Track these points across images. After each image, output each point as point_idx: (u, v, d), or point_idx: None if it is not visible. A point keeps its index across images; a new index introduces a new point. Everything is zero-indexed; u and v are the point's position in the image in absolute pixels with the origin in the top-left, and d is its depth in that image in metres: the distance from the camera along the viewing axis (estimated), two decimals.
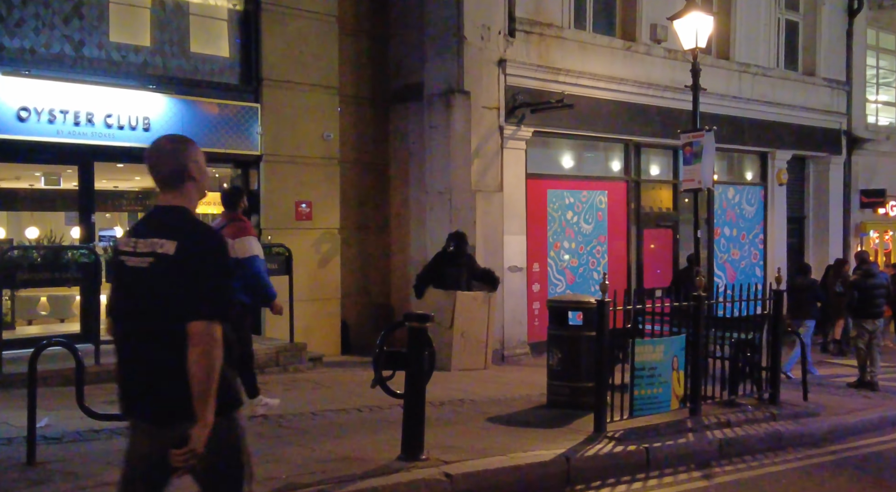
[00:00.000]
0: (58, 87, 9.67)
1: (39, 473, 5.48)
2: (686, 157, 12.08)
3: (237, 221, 7.27)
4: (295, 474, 5.54)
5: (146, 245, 3.20)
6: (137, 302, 3.18)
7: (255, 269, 7.12)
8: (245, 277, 6.96)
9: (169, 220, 3.27)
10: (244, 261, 6.96)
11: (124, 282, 3.28)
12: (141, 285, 3.17)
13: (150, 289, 3.15)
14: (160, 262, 3.13)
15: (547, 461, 6.21)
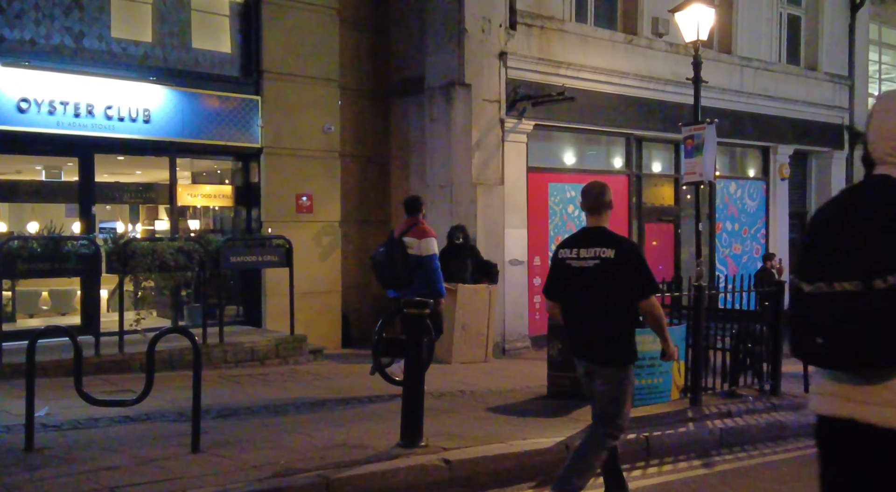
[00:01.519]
0: (58, 79, 9.68)
1: (37, 458, 5.47)
2: (687, 149, 12.06)
3: (419, 224, 8.40)
4: (293, 460, 5.52)
5: (589, 252, 4.95)
6: (587, 290, 4.94)
7: (434, 266, 8.25)
8: (424, 272, 8.13)
9: (602, 235, 5.03)
10: (425, 259, 8.18)
11: (569, 277, 5.05)
12: (586, 279, 4.94)
13: (596, 280, 4.90)
14: (604, 263, 4.88)
15: (546, 449, 6.19)
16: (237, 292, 11.85)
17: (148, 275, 9.71)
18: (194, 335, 5.94)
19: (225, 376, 9.20)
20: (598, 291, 4.89)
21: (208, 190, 12.24)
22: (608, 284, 4.86)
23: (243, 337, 10.37)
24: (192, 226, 12.93)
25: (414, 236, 8.17)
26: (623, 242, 5.04)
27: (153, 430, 6.48)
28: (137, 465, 5.34)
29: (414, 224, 8.36)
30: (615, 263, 4.83)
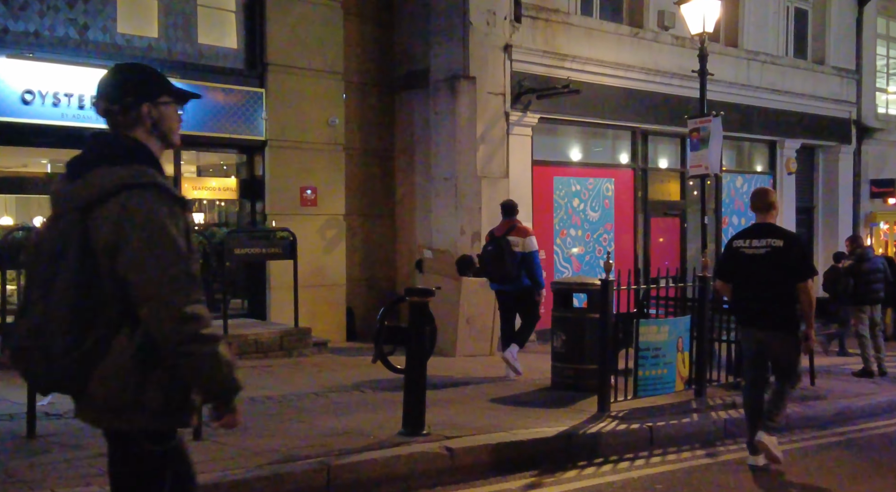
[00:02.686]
0: (62, 71, 9.67)
1: (39, 445, 5.49)
2: (693, 142, 12.01)
3: (518, 224, 9.48)
4: (295, 447, 5.52)
5: (760, 242, 6.13)
6: (758, 274, 6.09)
7: (536, 261, 9.20)
8: (528, 267, 9.07)
9: (772, 229, 6.24)
10: (527, 255, 9.10)
11: (742, 262, 6.21)
12: (757, 265, 6.09)
13: (766, 266, 6.05)
14: (774, 250, 6.04)
15: (549, 438, 6.17)
16: (242, 285, 11.85)
17: None
18: None
19: None
20: (768, 273, 6.06)
21: (213, 183, 12.25)
22: (776, 268, 6.03)
23: (247, 329, 10.38)
24: (197, 219, 12.94)
25: (517, 235, 9.17)
26: (789, 234, 6.35)
27: None
28: None
29: (514, 225, 9.37)
30: (783, 250, 6.03)
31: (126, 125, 2.58)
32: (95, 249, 2.40)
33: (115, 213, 2.39)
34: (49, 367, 2.40)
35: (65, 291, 2.37)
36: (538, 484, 5.54)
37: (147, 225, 2.38)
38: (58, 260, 2.41)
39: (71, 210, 2.44)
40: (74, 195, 2.45)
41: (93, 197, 2.41)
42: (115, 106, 2.57)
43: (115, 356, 2.40)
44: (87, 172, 2.46)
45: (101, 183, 2.42)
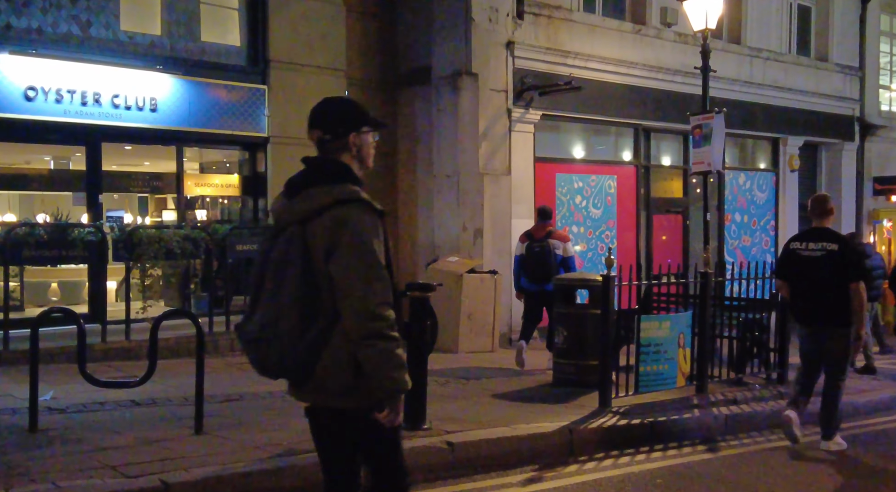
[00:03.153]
0: (65, 67, 9.71)
1: (40, 438, 5.51)
2: (695, 139, 11.99)
3: (556, 229, 10.11)
4: (296, 441, 5.52)
5: (816, 245, 6.66)
6: (813, 274, 6.61)
7: (575, 265, 9.90)
8: (568, 269, 9.56)
9: (827, 233, 6.75)
10: (568, 258, 9.71)
11: (800, 263, 6.73)
12: (813, 266, 6.62)
13: (822, 268, 6.56)
14: (829, 254, 6.57)
15: (550, 433, 6.18)
16: (244, 282, 11.83)
17: (154, 263, 9.74)
18: (198, 318, 5.96)
19: (231, 364, 9.21)
20: (823, 274, 6.57)
21: (215, 180, 12.26)
22: (831, 269, 6.54)
23: None
24: (200, 216, 12.96)
25: (557, 239, 9.78)
26: (843, 239, 6.84)
27: (158, 413, 6.50)
28: (140, 445, 5.37)
29: (551, 229, 9.96)
30: (837, 254, 6.56)
31: (335, 151, 3.08)
32: (314, 255, 2.88)
33: (329, 224, 2.87)
34: (281, 355, 2.86)
35: (292, 290, 2.84)
36: (539, 478, 5.56)
37: (355, 234, 2.86)
38: (285, 265, 2.88)
39: (292, 223, 2.93)
40: (295, 210, 2.95)
41: (311, 211, 2.90)
42: (328, 135, 3.06)
43: (334, 348, 2.86)
44: (304, 191, 2.97)
45: (318, 200, 2.92)
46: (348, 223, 2.87)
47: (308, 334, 2.85)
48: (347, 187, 2.96)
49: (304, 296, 2.84)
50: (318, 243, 2.87)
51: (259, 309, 2.93)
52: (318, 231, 2.87)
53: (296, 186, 3.02)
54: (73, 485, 4.43)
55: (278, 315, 2.85)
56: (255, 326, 2.91)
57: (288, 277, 2.86)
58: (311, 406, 3.07)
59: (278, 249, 2.92)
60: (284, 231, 2.94)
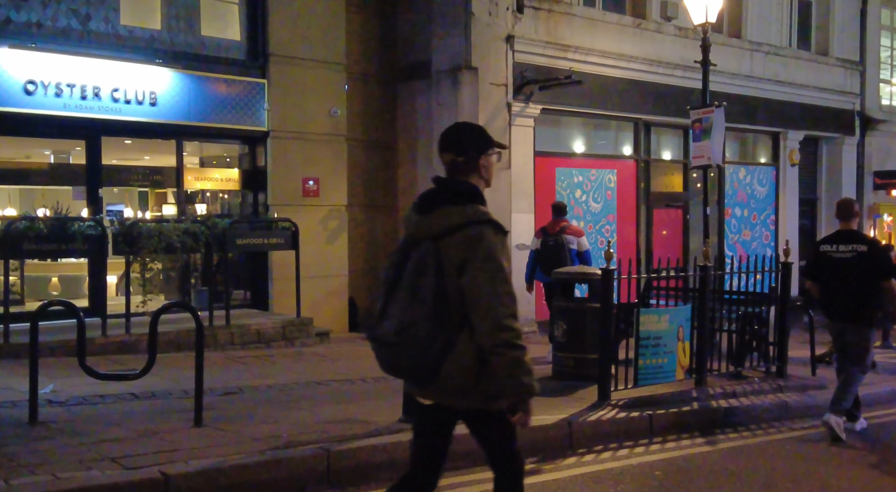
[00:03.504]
0: (64, 61, 9.71)
1: (41, 430, 5.52)
2: (695, 133, 11.98)
3: (570, 224, 10.28)
4: (295, 434, 5.55)
5: (846, 247, 7.05)
6: (844, 275, 7.00)
7: (590, 258, 10.07)
8: (585, 262, 9.84)
9: (856, 235, 7.25)
10: (584, 252, 10.01)
11: (829, 264, 7.17)
12: (844, 267, 7.03)
13: (852, 268, 6.97)
14: (860, 255, 6.98)
15: (549, 425, 6.19)
16: (244, 276, 11.88)
17: (154, 256, 9.75)
18: (197, 311, 5.96)
19: (231, 358, 9.23)
20: (854, 274, 6.98)
21: (215, 174, 12.27)
22: (861, 269, 6.97)
23: (250, 320, 10.41)
24: (200, 210, 12.97)
25: (572, 235, 10.06)
26: (872, 240, 7.46)
27: (157, 406, 6.52)
28: (140, 437, 5.38)
29: (566, 224, 10.19)
30: (867, 254, 6.98)
31: (466, 172, 3.36)
32: (446, 269, 3.15)
33: (463, 242, 3.14)
34: (413, 359, 3.15)
35: (427, 301, 3.12)
36: (538, 471, 5.57)
37: (486, 252, 3.13)
38: (421, 277, 3.15)
39: (427, 238, 3.21)
40: (429, 227, 3.23)
41: (445, 229, 3.18)
42: (461, 158, 3.36)
43: (458, 353, 3.15)
44: (436, 209, 3.25)
45: (452, 219, 3.19)
46: (481, 242, 3.14)
47: (437, 341, 3.12)
48: (478, 209, 3.25)
49: (437, 306, 3.12)
50: (452, 259, 3.15)
51: (390, 314, 3.20)
52: (452, 248, 3.15)
53: (429, 203, 3.30)
54: (73, 476, 4.44)
55: (413, 322, 3.12)
56: (390, 331, 3.17)
57: (423, 288, 3.14)
58: (430, 404, 3.35)
59: (414, 262, 3.20)
60: (419, 245, 3.22)
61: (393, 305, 3.20)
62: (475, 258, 3.11)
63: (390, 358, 3.22)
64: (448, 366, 3.14)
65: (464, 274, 3.13)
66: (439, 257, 3.15)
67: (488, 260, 3.11)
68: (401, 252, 3.28)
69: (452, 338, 3.14)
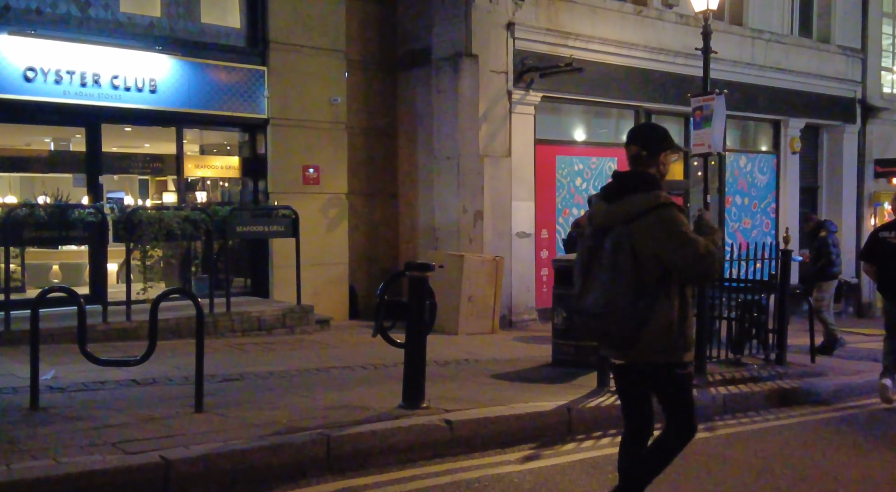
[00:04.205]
0: (64, 48, 9.68)
1: (41, 416, 5.54)
2: (696, 121, 11.96)
3: None
4: (295, 419, 5.57)
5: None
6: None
7: None
8: None
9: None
10: None
11: (887, 250, 7.96)
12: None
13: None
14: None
15: (548, 411, 6.21)
16: (245, 264, 11.90)
17: (155, 244, 9.76)
18: (197, 298, 5.98)
19: (231, 345, 9.26)
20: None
21: (215, 161, 12.27)
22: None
23: (250, 307, 10.42)
24: (200, 198, 12.97)
25: None
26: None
27: (158, 392, 6.54)
28: (141, 423, 5.40)
29: None
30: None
31: (646, 165, 3.94)
32: (640, 246, 3.74)
33: (653, 223, 3.74)
34: (620, 326, 3.75)
35: (627, 276, 3.73)
36: (536, 456, 5.59)
37: (674, 229, 3.74)
38: (618, 256, 3.74)
39: (619, 223, 3.80)
40: (619, 213, 3.82)
41: (636, 213, 3.77)
42: (645, 152, 3.94)
43: (658, 316, 3.76)
44: (622, 197, 3.85)
45: (639, 205, 3.78)
46: (669, 221, 3.74)
47: (639, 309, 3.72)
48: (661, 194, 3.83)
49: (635, 280, 3.72)
50: (645, 238, 3.74)
51: (592, 290, 3.83)
52: (644, 229, 3.74)
53: (615, 193, 3.90)
54: (74, 461, 4.46)
55: (617, 295, 3.73)
56: (596, 304, 3.79)
57: (622, 265, 3.74)
58: (624, 364, 3.97)
59: (610, 244, 3.79)
60: (612, 230, 3.81)
61: (593, 284, 3.83)
62: (667, 234, 3.72)
63: (599, 327, 3.83)
64: (648, 329, 3.74)
65: (660, 249, 3.73)
66: (633, 238, 3.73)
67: (677, 233, 3.73)
68: (593, 238, 3.90)
69: (651, 305, 3.74)
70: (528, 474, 5.18)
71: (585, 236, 4.01)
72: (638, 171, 3.94)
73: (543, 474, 5.19)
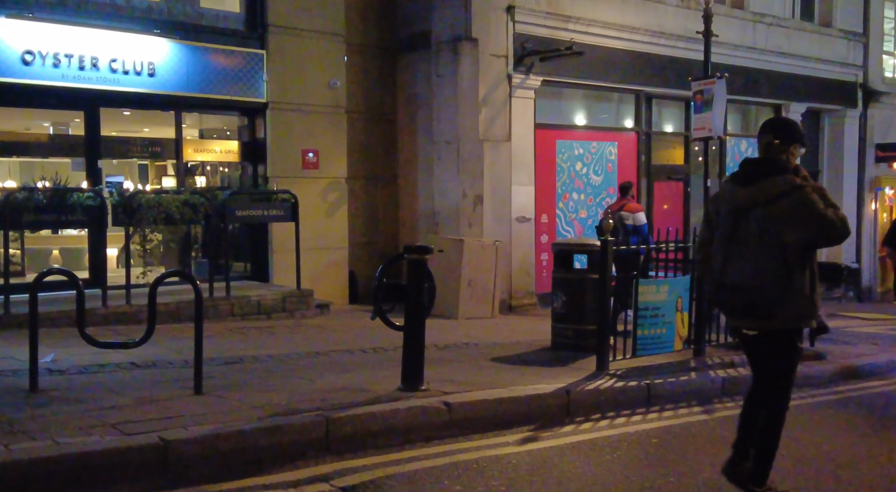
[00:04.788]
0: (62, 31, 9.65)
1: (41, 398, 5.55)
2: (697, 105, 11.91)
3: (630, 201, 11.27)
4: (295, 402, 5.58)
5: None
6: None
7: (646, 231, 10.90)
8: (640, 236, 10.52)
9: None
10: (639, 227, 10.82)
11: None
12: None
13: None
14: None
15: (547, 394, 6.21)
16: (245, 248, 11.90)
17: (154, 228, 9.75)
18: (196, 281, 5.97)
19: (231, 328, 9.27)
20: None
21: (214, 146, 12.23)
22: None
23: (250, 291, 10.43)
24: (199, 182, 12.95)
25: (629, 211, 11.00)
26: None
27: (158, 375, 6.55)
28: (139, 404, 5.41)
29: (626, 202, 11.21)
30: None
31: (777, 152, 4.37)
32: (779, 225, 4.18)
33: (791, 204, 4.17)
34: (765, 298, 4.21)
35: (769, 253, 4.19)
36: (535, 438, 5.60)
37: (810, 208, 4.16)
38: (760, 235, 4.22)
39: (756, 205, 4.24)
40: (755, 196, 4.26)
41: (770, 196, 4.21)
42: (778, 141, 4.37)
43: (795, 289, 4.21)
44: (757, 182, 4.28)
45: (775, 188, 4.21)
46: (806, 201, 4.16)
47: (782, 282, 4.18)
48: (793, 177, 4.25)
49: (776, 256, 4.18)
50: (785, 217, 4.18)
51: (735, 266, 4.29)
52: (784, 208, 4.18)
53: (749, 178, 4.33)
54: (73, 442, 4.47)
55: (762, 270, 4.20)
56: (743, 278, 4.26)
57: (764, 243, 4.20)
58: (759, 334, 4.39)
59: (753, 224, 4.24)
60: (751, 210, 4.26)
61: (734, 261, 4.29)
62: (805, 212, 4.14)
63: (743, 299, 4.27)
64: (788, 299, 4.18)
65: (799, 226, 4.15)
66: (774, 217, 4.18)
67: (814, 212, 4.13)
68: (731, 219, 4.32)
69: (789, 278, 4.18)
70: (527, 456, 5.19)
71: (721, 217, 4.41)
72: (771, 157, 4.37)
73: (541, 456, 5.20)
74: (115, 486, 4.27)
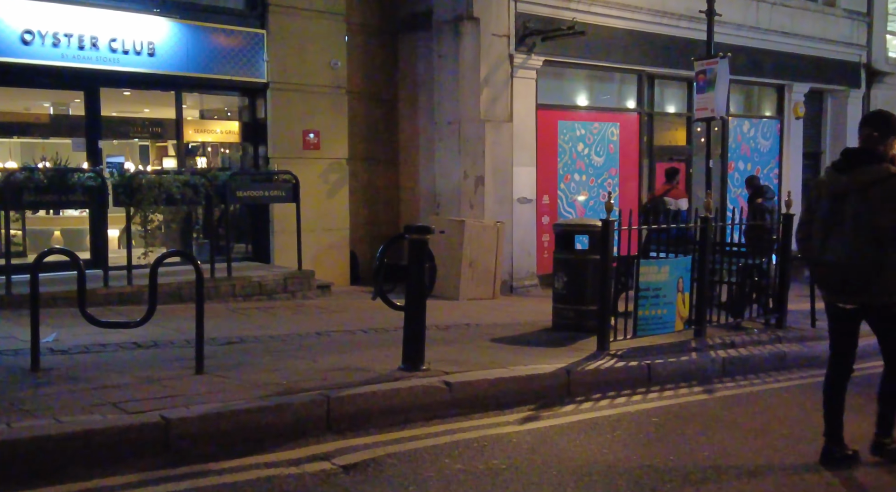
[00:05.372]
0: (62, 10, 9.61)
1: (42, 377, 5.57)
2: (699, 85, 11.90)
3: (674, 187, 12.30)
4: (296, 381, 5.59)
5: None
6: None
7: (684, 216, 11.43)
8: (678, 220, 10.58)
9: None
10: (679, 212, 11.37)
11: None
12: None
13: None
14: None
15: (547, 373, 6.23)
16: (246, 229, 11.89)
17: (155, 208, 9.74)
18: (197, 261, 5.97)
19: (232, 309, 9.28)
20: None
21: (215, 127, 12.21)
22: None
23: (251, 272, 10.44)
24: (200, 163, 12.93)
25: (672, 197, 11.97)
26: None
27: (159, 355, 6.57)
28: (141, 384, 5.43)
29: (671, 187, 12.13)
30: None
31: (876, 143, 4.71)
32: (875, 209, 4.54)
33: (885, 190, 4.54)
34: (861, 274, 4.59)
35: (867, 233, 4.55)
36: (535, 417, 5.62)
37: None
38: (859, 217, 4.59)
39: (854, 191, 4.62)
40: (853, 182, 4.63)
41: (871, 182, 4.58)
42: (877, 133, 4.72)
43: (890, 265, 4.55)
44: (855, 168, 4.67)
45: (874, 174, 4.59)
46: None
47: (878, 259, 4.54)
48: (888, 167, 4.61)
49: (874, 236, 4.54)
50: (881, 201, 4.53)
51: (834, 246, 4.67)
52: (880, 194, 4.54)
53: (848, 165, 4.71)
54: (75, 420, 4.49)
55: (860, 248, 4.56)
56: (841, 256, 4.63)
57: (862, 224, 4.57)
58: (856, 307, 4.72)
59: (852, 207, 4.61)
60: (849, 195, 4.63)
61: (835, 240, 4.66)
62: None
63: (840, 276, 4.65)
64: (884, 276, 4.55)
65: (890, 211, 4.50)
66: (871, 201, 4.54)
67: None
68: (831, 201, 4.69)
69: (884, 256, 4.53)
70: (527, 435, 5.21)
71: (822, 201, 4.76)
72: (869, 147, 4.72)
73: (542, 435, 5.22)
74: (116, 464, 4.29)
